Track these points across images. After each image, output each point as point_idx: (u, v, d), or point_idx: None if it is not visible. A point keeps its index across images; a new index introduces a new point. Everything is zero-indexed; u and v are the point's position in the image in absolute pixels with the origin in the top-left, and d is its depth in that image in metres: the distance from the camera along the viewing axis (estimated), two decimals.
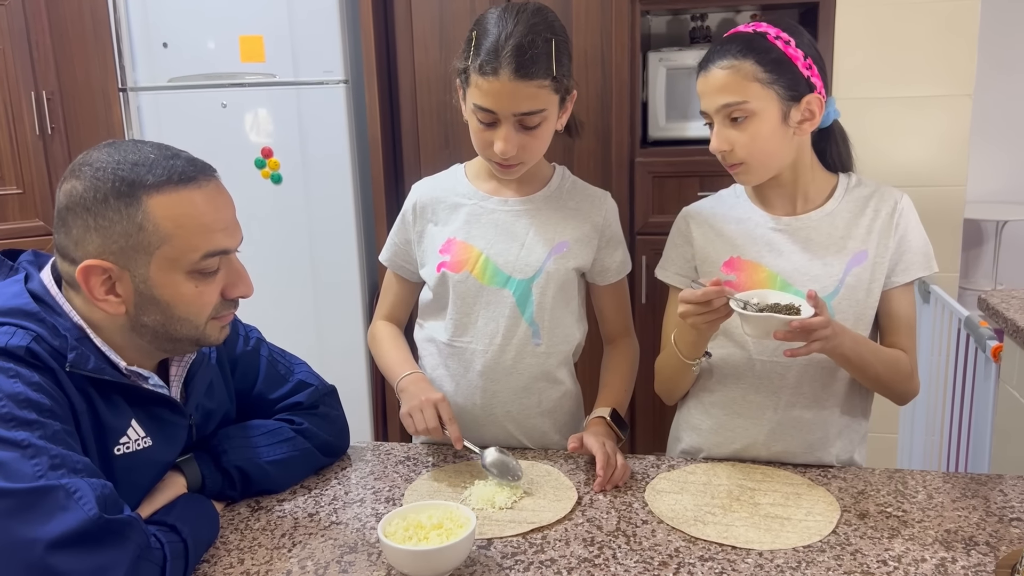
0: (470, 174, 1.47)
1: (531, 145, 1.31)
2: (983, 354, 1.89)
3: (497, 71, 1.24)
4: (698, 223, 1.41)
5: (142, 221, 0.98)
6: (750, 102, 1.25)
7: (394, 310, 1.53)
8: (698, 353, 1.31)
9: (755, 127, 1.26)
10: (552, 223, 1.41)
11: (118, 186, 0.98)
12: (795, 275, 1.31)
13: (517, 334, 1.40)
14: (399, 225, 1.48)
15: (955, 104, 2.46)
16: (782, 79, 1.25)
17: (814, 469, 1.30)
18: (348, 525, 1.15)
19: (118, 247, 0.99)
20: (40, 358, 0.95)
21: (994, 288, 4.46)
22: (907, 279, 1.32)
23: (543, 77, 1.25)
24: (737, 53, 1.25)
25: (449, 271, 1.40)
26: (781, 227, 1.34)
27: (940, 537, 1.08)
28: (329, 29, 2.55)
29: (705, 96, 1.29)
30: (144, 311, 1.02)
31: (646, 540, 1.09)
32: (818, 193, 1.35)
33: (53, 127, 2.69)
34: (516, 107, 1.26)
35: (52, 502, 0.86)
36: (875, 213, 1.33)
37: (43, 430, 0.90)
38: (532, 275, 1.39)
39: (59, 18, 2.65)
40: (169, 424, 1.11)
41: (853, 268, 1.31)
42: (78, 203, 0.98)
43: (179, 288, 1.02)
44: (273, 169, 2.64)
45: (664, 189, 2.52)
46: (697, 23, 2.71)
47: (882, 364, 1.28)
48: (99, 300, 1.00)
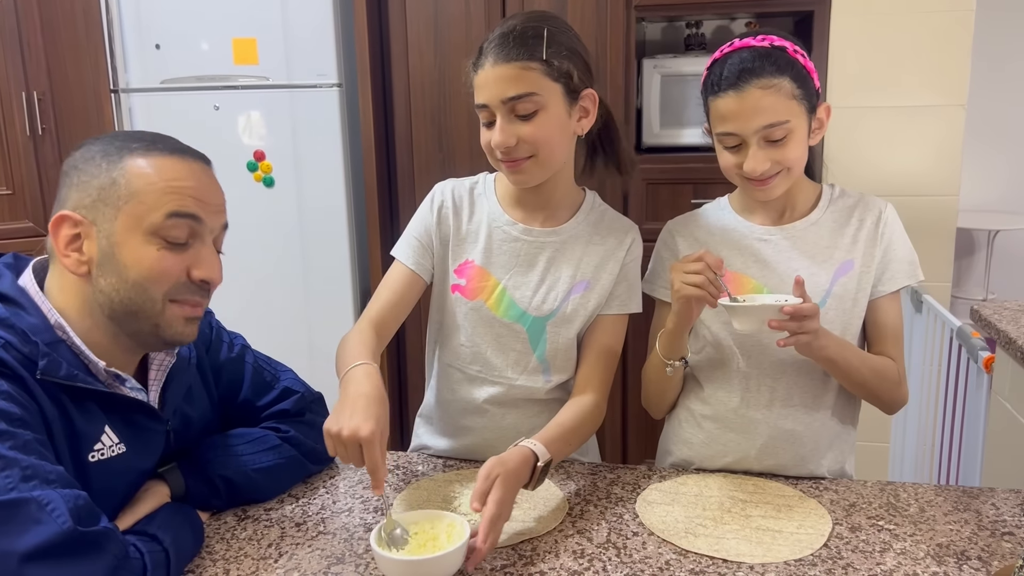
0: (499, 192, 1.39)
1: (531, 135, 1.24)
2: (975, 365, 1.88)
3: (483, 63, 1.24)
4: (684, 236, 1.40)
5: (116, 176, 1.00)
6: (791, 121, 1.21)
7: (387, 313, 1.32)
8: (674, 350, 1.29)
9: (793, 144, 1.23)
10: (575, 259, 1.35)
11: (107, 148, 1.02)
12: (781, 286, 1.31)
13: (527, 370, 1.37)
14: (421, 223, 1.39)
15: (949, 114, 2.46)
16: (807, 93, 1.24)
17: (806, 481, 1.29)
18: (336, 535, 1.13)
19: (91, 200, 1.00)
20: (8, 365, 0.93)
21: (986, 297, 4.47)
22: (893, 288, 1.32)
23: (527, 59, 1.22)
24: (775, 71, 1.20)
25: (463, 296, 1.36)
26: (766, 237, 1.34)
27: (932, 551, 1.07)
28: (323, 32, 2.54)
29: (738, 118, 1.21)
30: (103, 272, 1.00)
31: (636, 552, 1.08)
32: (804, 203, 1.35)
33: (44, 128, 2.67)
34: (503, 92, 1.23)
35: (25, 515, 0.85)
36: (860, 223, 1.33)
37: (13, 440, 0.88)
38: (548, 314, 1.35)
39: (51, 18, 2.63)
40: (145, 430, 1.08)
41: (839, 278, 1.31)
42: (72, 166, 1.02)
43: (139, 250, 1.00)
44: (265, 172, 2.63)
45: (658, 196, 2.51)
46: (692, 30, 2.71)
47: (869, 369, 1.28)
48: (63, 255, 1.00)
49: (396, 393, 2.79)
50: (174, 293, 1.03)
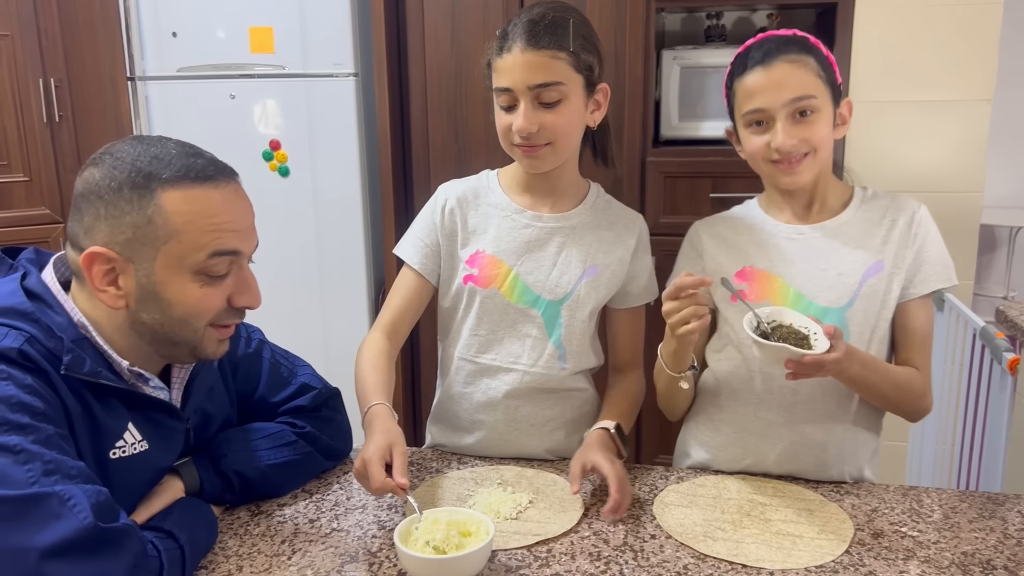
0: (503, 183, 1.41)
1: (552, 124, 1.26)
2: (999, 366, 1.85)
3: (511, 47, 1.24)
4: (711, 235, 1.38)
5: (152, 214, 0.96)
6: (817, 98, 1.22)
7: (400, 317, 1.38)
8: (681, 365, 1.26)
9: (820, 123, 1.23)
10: (586, 244, 1.37)
11: (134, 176, 0.96)
12: (809, 286, 1.28)
13: (544, 356, 1.36)
14: (427, 226, 1.40)
15: (974, 109, 2.42)
16: (831, 80, 1.24)
17: (826, 485, 1.27)
18: (349, 532, 1.12)
19: (125, 238, 0.97)
20: (33, 360, 0.93)
21: (1007, 295, 4.41)
22: (925, 291, 1.29)
23: (556, 48, 1.23)
24: (800, 50, 1.22)
25: (476, 285, 1.36)
26: (795, 235, 1.31)
27: (957, 560, 1.05)
28: (340, 21, 2.52)
29: (766, 92, 1.22)
30: (144, 308, 0.99)
31: (654, 556, 1.07)
32: (835, 201, 1.33)
33: (61, 115, 2.67)
34: (530, 79, 1.24)
35: (46, 510, 0.84)
36: (892, 223, 1.30)
37: (36, 434, 0.88)
38: (562, 297, 1.35)
39: (68, 5, 2.62)
40: (166, 428, 1.08)
41: (869, 279, 1.28)
42: (93, 190, 0.97)
43: (183, 288, 0.99)
44: (281, 162, 2.62)
45: (676, 190, 2.48)
46: (712, 21, 2.67)
47: (892, 386, 1.25)
48: (99, 290, 0.98)
49: (409, 391, 2.78)
50: (215, 320, 1.04)
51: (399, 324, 1.38)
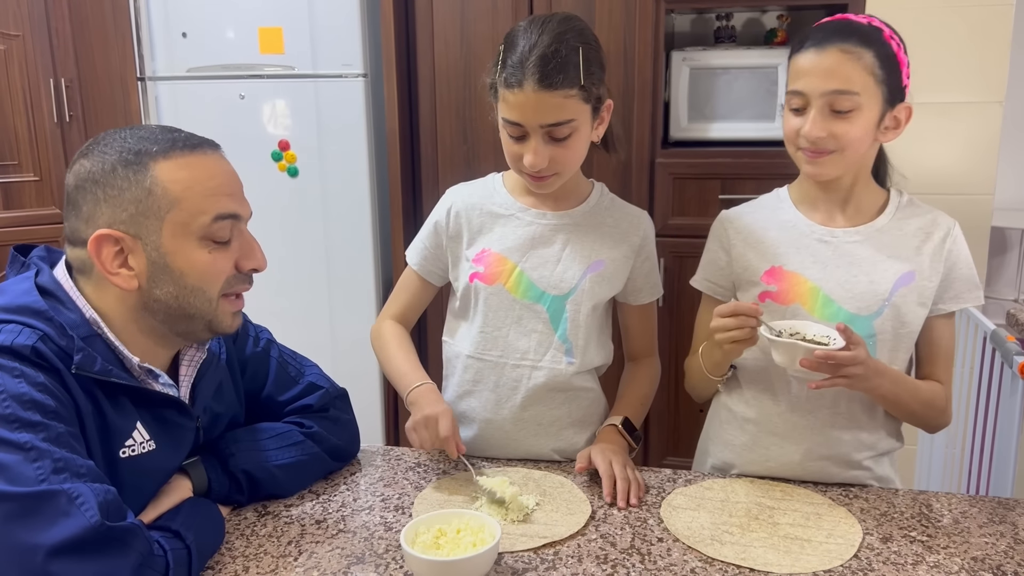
0: (508, 185, 1.43)
1: (562, 157, 1.28)
2: (1010, 370, 1.84)
3: (522, 83, 1.21)
4: (737, 228, 1.35)
5: (151, 186, 0.98)
6: (861, 95, 1.18)
7: (407, 310, 1.48)
8: (720, 372, 1.29)
9: (856, 122, 1.19)
10: (589, 240, 1.38)
11: (125, 156, 0.99)
12: (838, 291, 1.26)
13: (550, 351, 1.37)
14: (431, 230, 1.44)
15: (985, 111, 2.40)
16: (890, 80, 1.20)
17: (835, 488, 1.26)
18: (356, 534, 1.12)
19: (128, 215, 0.98)
20: (46, 358, 0.93)
21: (1017, 298, 4.39)
22: (953, 308, 1.28)
23: (569, 87, 1.22)
24: (859, 41, 1.18)
25: (482, 282, 1.37)
26: (828, 238, 1.29)
27: (967, 565, 1.04)
28: (349, 22, 2.52)
29: (810, 75, 1.19)
30: (157, 284, 1.01)
31: (661, 559, 1.06)
32: (870, 205, 1.30)
33: (71, 115, 2.68)
34: (542, 118, 1.23)
35: (54, 507, 0.84)
36: (926, 236, 1.28)
37: (47, 432, 0.88)
38: (567, 292, 1.36)
39: (79, 5, 2.63)
40: (176, 426, 1.08)
41: (900, 288, 1.25)
42: (87, 179, 0.99)
43: (192, 255, 1.01)
44: (290, 162, 2.62)
45: (685, 191, 2.47)
46: (722, 22, 2.66)
47: (919, 403, 1.25)
48: (111, 274, 0.99)
49: None
50: (226, 287, 1.05)
51: (407, 315, 1.49)
